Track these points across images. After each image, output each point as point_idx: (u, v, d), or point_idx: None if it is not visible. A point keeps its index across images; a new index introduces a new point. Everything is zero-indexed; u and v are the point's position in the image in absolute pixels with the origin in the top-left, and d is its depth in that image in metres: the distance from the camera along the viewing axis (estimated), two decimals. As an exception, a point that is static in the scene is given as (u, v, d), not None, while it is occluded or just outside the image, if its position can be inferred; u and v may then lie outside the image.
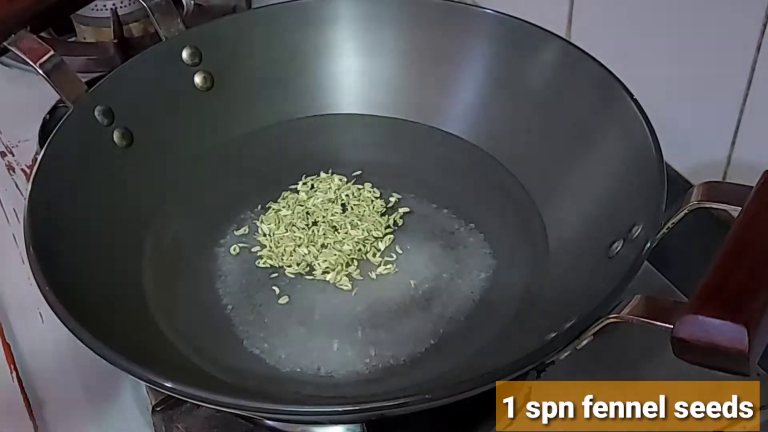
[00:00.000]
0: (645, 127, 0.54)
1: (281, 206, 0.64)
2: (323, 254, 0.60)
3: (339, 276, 0.59)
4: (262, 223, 0.63)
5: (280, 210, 0.63)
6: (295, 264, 0.60)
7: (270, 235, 0.62)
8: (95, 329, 0.46)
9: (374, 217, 0.62)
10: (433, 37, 0.67)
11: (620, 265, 0.49)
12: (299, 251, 0.60)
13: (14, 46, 0.61)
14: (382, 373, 0.54)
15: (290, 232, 0.62)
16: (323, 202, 0.63)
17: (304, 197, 0.64)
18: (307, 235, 0.61)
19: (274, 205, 0.64)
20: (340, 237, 0.61)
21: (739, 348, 0.38)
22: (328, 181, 0.65)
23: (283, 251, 0.60)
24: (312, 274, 0.59)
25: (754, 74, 0.57)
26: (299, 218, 0.62)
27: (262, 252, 0.61)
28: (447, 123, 0.68)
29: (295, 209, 0.63)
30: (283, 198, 0.64)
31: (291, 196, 0.64)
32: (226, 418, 0.55)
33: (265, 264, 0.60)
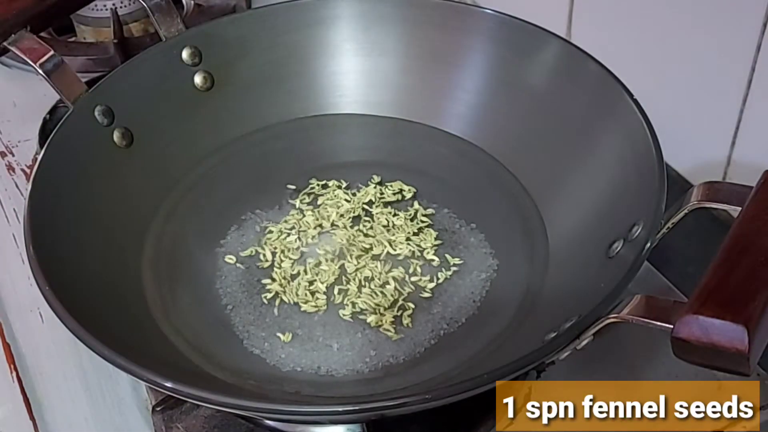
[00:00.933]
0: (645, 127, 0.54)
1: (283, 228, 0.62)
2: (362, 295, 0.58)
3: (384, 320, 0.56)
4: (265, 245, 0.61)
5: (283, 235, 0.62)
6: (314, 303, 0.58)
7: (278, 266, 0.60)
8: (95, 329, 0.46)
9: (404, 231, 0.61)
10: (433, 37, 0.67)
11: (620, 265, 0.49)
12: (319, 287, 0.58)
13: (14, 46, 0.61)
14: (382, 372, 0.54)
15: (302, 265, 0.60)
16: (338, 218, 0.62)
17: (310, 219, 0.62)
18: (329, 267, 0.59)
19: (274, 227, 0.62)
20: (378, 269, 0.59)
21: (739, 348, 0.38)
22: (332, 194, 0.64)
23: (297, 286, 0.58)
24: (340, 314, 0.57)
25: (754, 74, 0.57)
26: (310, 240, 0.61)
27: (272, 286, 0.59)
28: (447, 123, 0.68)
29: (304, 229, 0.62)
30: (285, 221, 0.63)
31: (293, 217, 0.63)
32: (226, 418, 0.55)
33: (274, 299, 0.58)
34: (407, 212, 0.63)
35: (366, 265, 0.59)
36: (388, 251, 0.60)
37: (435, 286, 0.58)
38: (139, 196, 0.62)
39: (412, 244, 0.61)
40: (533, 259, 0.59)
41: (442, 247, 0.61)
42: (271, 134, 0.69)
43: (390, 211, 0.63)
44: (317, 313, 0.57)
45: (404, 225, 0.62)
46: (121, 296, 0.56)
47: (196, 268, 0.60)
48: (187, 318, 0.57)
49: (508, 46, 0.64)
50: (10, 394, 0.60)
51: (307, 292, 0.58)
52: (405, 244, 0.61)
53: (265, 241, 0.61)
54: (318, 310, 0.57)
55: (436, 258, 0.60)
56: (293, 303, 0.57)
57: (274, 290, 0.58)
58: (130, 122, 0.63)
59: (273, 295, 0.58)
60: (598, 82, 0.59)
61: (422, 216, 0.63)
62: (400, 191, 0.64)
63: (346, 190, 0.64)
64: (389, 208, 0.63)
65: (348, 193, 0.64)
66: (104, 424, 0.58)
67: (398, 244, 0.61)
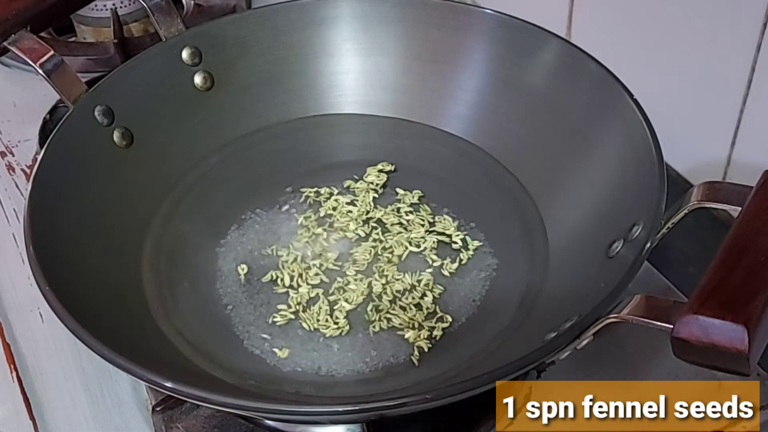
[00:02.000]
0: (645, 127, 0.54)
1: (298, 250, 0.61)
2: (395, 309, 0.57)
3: (421, 334, 0.56)
4: (283, 269, 0.59)
5: (298, 257, 0.60)
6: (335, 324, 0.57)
7: (295, 290, 0.58)
8: (95, 329, 0.46)
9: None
10: (433, 37, 0.67)
11: (620, 265, 0.49)
12: (344, 306, 0.57)
13: (14, 46, 0.61)
14: (382, 372, 0.54)
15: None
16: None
17: (322, 234, 0.61)
18: (358, 286, 0.58)
19: (286, 251, 0.61)
20: (409, 281, 0.59)
21: (739, 348, 0.38)
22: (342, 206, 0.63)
23: (318, 311, 0.57)
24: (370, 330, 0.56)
25: (754, 74, 0.57)
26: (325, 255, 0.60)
27: (286, 312, 0.57)
28: (447, 123, 0.68)
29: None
30: (297, 241, 0.61)
31: (303, 236, 0.61)
32: (226, 418, 0.55)
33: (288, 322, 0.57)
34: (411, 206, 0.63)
35: (394, 276, 0.59)
36: (411, 250, 0.60)
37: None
38: (139, 196, 0.62)
39: (434, 235, 0.61)
40: (533, 259, 0.59)
41: (442, 246, 0.61)
42: (271, 134, 0.69)
43: (393, 209, 0.63)
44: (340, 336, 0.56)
45: (416, 219, 0.62)
46: (121, 296, 0.56)
47: (196, 268, 0.60)
48: (187, 318, 0.57)
49: (508, 46, 0.64)
50: (10, 394, 0.60)
51: (327, 317, 0.57)
52: (428, 235, 0.61)
53: (282, 264, 0.60)
54: (341, 333, 0.56)
55: (459, 241, 0.60)
56: (313, 329, 0.56)
57: (287, 316, 0.57)
58: (130, 122, 0.63)
59: (286, 321, 0.57)
60: (598, 82, 0.59)
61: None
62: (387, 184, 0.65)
63: (341, 196, 0.64)
64: (392, 206, 0.63)
65: (349, 199, 0.64)
66: (104, 424, 0.58)
67: (419, 239, 0.61)
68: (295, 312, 0.57)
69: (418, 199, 0.64)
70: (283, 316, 0.57)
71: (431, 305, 0.57)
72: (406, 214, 0.63)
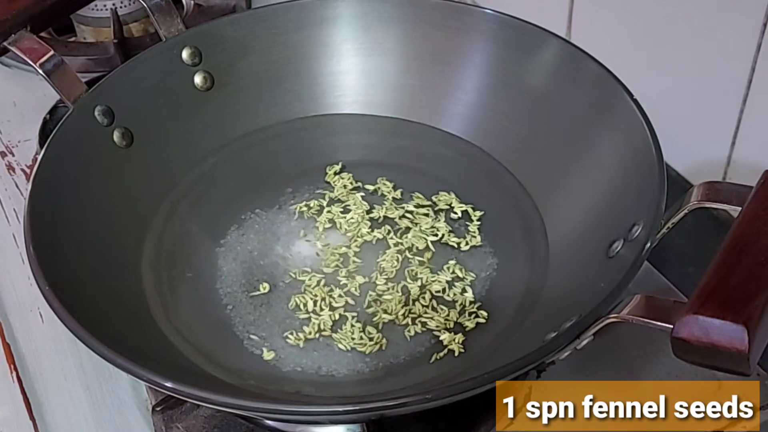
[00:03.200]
0: (645, 127, 0.54)
1: (319, 275, 0.59)
2: (429, 311, 0.57)
3: (457, 338, 0.55)
4: (305, 293, 0.58)
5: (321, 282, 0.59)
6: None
7: (316, 315, 0.57)
8: (95, 329, 0.46)
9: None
10: (433, 37, 0.67)
11: (620, 265, 0.49)
12: (383, 318, 0.56)
13: (14, 46, 0.61)
14: (382, 372, 0.54)
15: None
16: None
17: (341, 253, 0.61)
18: (393, 295, 0.58)
19: (308, 276, 0.59)
20: (442, 279, 0.58)
21: (739, 348, 0.38)
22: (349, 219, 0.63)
23: (350, 330, 0.56)
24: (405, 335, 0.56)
25: (754, 74, 0.57)
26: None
27: (306, 333, 0.56)
28: (447, 123, 0.68)
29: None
30: (313, 268, 0.59)
31: (326, 259, 0.60)
32: (226, 418, 0.55)
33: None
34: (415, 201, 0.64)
35: (429, 278, 0.59)
36: (431, 240, 0.60)
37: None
38: (139, 196, 0.62)
39: (441, 216, 0.62)
40: (533, 259, 0.59)
41: (442, 246, 0.61)
42: (271, 134, 0.69)
43: (396, 205, 0.63)
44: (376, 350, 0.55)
45: (418, 208, 0.63)
46: (121, 296, 0.56)
47: (196, 268, 0.60)
48: (187, 318, 0.57)
49: (508, 46, 0.64)
50: (10, 394, 0.60)
51: (361, 334, 0.56)
52: (437, 220, 0.61)
53: (304, 289, 0.58)
54: (381, 347, 0.55)
55: (460, 213, 0.62)
56: (349, 349, 0.55)
57: (307, 338, 0.56)
58: (130, 122, 0.63)
59: (302, 341, 0.56)
60: (598, 82, 0.59)
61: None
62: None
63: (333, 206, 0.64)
64: (395, 204, 0.64)
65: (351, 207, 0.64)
66: (104, 424, 0.58)
67: (431, 227, 0.61)
68: (321, 333, 0.56)
69: (401, 194, 0.64)
70: (299, 338, 0.55)
71: (470, 302, 0.57)
72: (399, 206, 0.63)
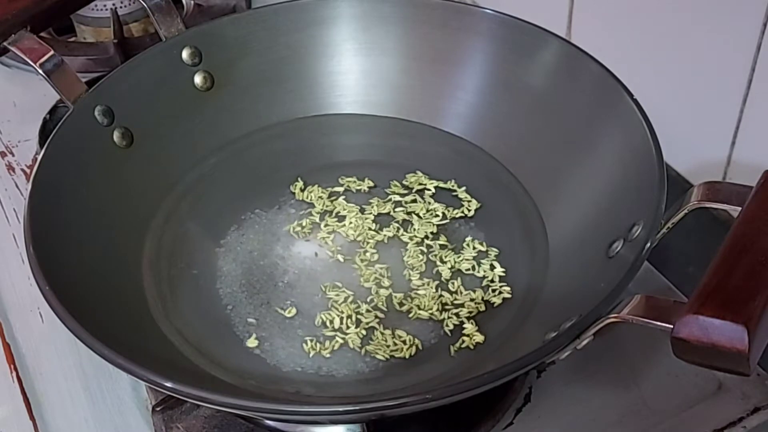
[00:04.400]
0: (645, 127, 0.54)
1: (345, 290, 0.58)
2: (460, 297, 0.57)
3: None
4: (332, 310, 0.57)
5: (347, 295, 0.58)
6: None
7: (346, 327, 0.56)
8: (95, 329, 0.46)
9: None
10: (433, 37, 0.67)
11: (620, 265, 0.49)
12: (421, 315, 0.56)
13: (14, 46, 0.61)
14: (382, 372, 0.54)
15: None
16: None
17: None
18: (427, 291, 0.58)
19: (334, 291, 0.58)
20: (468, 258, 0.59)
21: (739, 348, 0.38)
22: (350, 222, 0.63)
23: (383, 338, 0.55)
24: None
25: (754, 74, 0.57)
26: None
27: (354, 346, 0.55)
28: (447, 123, 0.68)
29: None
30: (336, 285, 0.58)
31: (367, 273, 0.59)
32: (226, 418, 0.55)
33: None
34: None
35: (455, 260, 0.59)
36: (436, 223, 0.62)
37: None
38: (139, 196, 0.62)
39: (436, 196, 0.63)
40: (533, 259, 0.59)
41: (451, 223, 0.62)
42: (271, 134, 0.69)
43: (381, 200, 0.64)
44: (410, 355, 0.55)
45: (406, 194, 0.64)
46: (121, 296, 0.56)
47: (196, 268, 0.60)
48: (187, 318, 0.57)
49: (508, 46, 0.64)
50: (10, 394, 0.60)
51: (394, 341, 0.55)
52: (432, 203, 0.63)
53: (331, 305, 0.57)
54: (418, 350, 0.55)
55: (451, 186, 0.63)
56: (388, 358, 0.54)
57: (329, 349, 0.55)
58: (130, 122, 0.63)
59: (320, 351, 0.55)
60: (598, 82, 0.59)
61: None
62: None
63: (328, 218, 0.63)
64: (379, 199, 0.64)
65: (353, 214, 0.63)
66: (104, 424, 0.58)
67: (431, 209, 0.62)
68: (353, 343, 0.55)
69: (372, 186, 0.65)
70: (325, 348, 0.55)
71: (499, 276, 0.58)
72: (386, 200, 0.64)
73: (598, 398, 0.56)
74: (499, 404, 0.56)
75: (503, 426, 0.55)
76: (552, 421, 0.55)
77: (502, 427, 0.55)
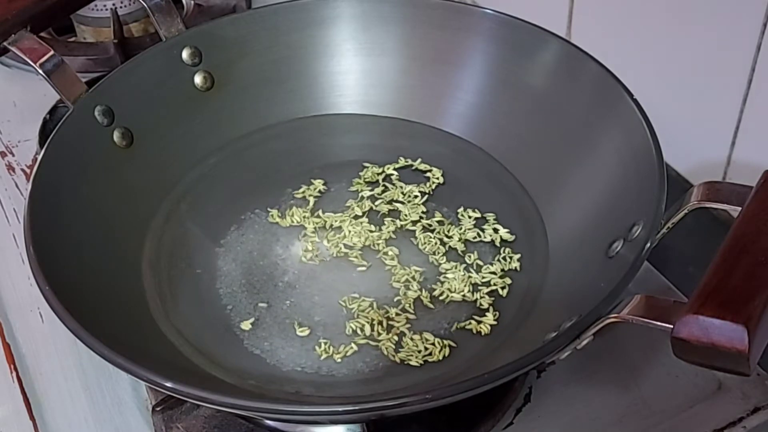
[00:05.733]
0: (645, 127, 0.54)
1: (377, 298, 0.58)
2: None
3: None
4: (359, 318, 0.56)
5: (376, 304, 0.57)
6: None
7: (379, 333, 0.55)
8: (95, 329, 0.46)
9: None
10: (433, 37, 0.67)
11: (620, 264, 0.49)
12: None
13: (14, 46, 0.61)
14: (382, 372, 0.54)
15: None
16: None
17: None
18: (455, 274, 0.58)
19: (365, 301, 0.57)
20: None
21: (739, 348, 0.38)
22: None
23: (414, 345, 0.55)
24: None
25: (754, 74, 0.57)
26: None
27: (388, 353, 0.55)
28: (447, 123, 0.67)
29: None
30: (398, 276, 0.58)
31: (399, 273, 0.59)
32: (226, 418, 0.55)
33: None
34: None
35: (457, 231, 0.61)
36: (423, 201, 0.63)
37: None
38: (139, 196, 0.62)
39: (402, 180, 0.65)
40: (533, 259, 0.59)
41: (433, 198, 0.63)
42: (271, 134, 0.69)
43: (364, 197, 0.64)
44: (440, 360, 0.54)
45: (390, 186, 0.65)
46: (121, 296, 0.56)
47: (196, 268, 0.60)
48: (187, 318, 0.57)
49: (508, 46, 0.64)
50: (10, 394, 0.59)
51: (425, 346, 0.55)
52: (405, 185, 0.65)
53: (357, 314, 0.57)
54: (450, 348, 0.55)
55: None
56: (422, 364, 0.54)
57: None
58: (130, 122, 0.63)
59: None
60: (598, 82, 0.59)
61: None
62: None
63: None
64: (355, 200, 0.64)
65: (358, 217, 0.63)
66: (104, 424, 0.58)
67: (409, 193, 0.64)
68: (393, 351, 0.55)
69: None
70: (338, 353, 0.55)
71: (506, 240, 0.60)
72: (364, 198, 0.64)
73: (598, 398, 0.56)
74: (499, 404, 0.56)
75: (503, 426, 0.55)
76: (552, 421, 0.55)
77: (502, 427, 0.55)
